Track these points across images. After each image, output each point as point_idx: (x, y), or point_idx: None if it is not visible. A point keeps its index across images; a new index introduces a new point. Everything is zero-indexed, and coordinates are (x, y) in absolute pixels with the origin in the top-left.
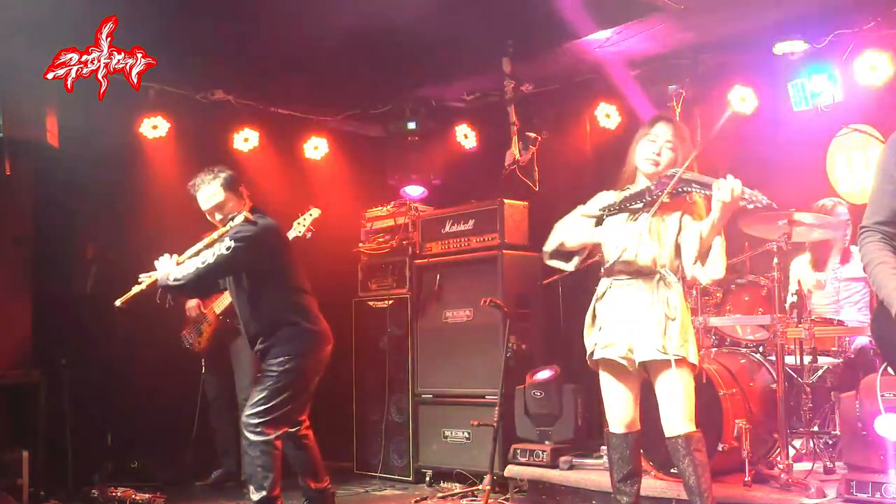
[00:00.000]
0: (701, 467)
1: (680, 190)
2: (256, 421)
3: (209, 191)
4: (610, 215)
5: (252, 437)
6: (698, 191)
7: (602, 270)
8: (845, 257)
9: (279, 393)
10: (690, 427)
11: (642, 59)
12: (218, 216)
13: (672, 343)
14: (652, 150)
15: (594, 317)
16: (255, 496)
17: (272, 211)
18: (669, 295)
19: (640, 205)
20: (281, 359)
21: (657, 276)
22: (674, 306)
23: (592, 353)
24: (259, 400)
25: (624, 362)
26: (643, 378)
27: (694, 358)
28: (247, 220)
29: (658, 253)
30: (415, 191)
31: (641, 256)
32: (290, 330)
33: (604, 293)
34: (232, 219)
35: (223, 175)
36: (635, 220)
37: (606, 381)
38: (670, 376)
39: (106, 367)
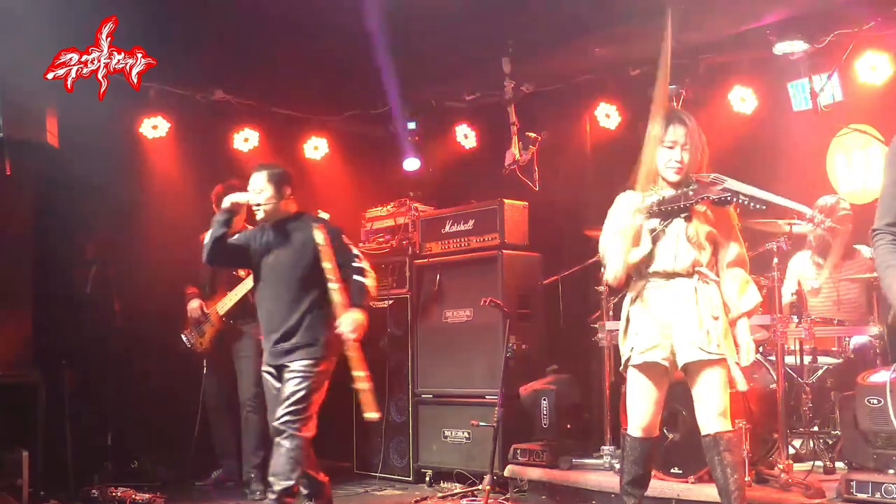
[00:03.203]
0: (731, 467)
1: (725, 199)
2: (295, 419)
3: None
4: (647, 219)
5: (290, 431)
6: (745, 202)
7: (632, 273)
8: (848, 256)
9: (312, 393)
10: (726, 425)
11: (642, 59)
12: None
13: (714, 342)
14: (672, 157)
15: (628, 321)
16: (281, 485)
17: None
18: (711, 294)
19: (679, 208)
20: (310, 361)
21: (696, 276)
22: (716, 305)
23: (629, 358)
24: (296, 399)
25: (666, 364)
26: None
27: (736, 354)
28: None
29: (698, 256)
30: (412, 164)
31: (680, 260)
32: (328, 334)
33: (636, 296)
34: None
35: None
36: (668, 224)
37: (639, 384)
38: (710, 375)
39: (106, 367)
